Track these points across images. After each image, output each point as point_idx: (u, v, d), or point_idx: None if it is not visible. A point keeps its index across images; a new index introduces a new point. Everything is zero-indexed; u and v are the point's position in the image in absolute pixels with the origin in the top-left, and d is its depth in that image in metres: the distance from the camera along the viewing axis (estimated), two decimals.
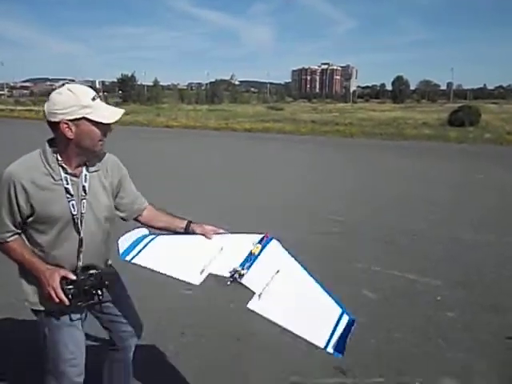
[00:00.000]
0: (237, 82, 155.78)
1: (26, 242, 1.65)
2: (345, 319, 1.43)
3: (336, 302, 1.50)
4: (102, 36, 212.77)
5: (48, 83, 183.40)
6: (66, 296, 1.54)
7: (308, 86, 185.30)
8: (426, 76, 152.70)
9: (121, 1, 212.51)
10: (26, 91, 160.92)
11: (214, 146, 16.35)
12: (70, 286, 1.55)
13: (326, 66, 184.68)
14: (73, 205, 1.59)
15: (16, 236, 1.62)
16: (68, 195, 1.59)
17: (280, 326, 1.41)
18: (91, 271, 1.61)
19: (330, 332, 1.39)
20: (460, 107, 26.19)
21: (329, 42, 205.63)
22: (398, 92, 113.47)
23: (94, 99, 1.54)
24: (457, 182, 9.37)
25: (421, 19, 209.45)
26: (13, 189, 1.52)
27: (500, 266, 4.48)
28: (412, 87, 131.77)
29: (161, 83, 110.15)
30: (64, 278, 1.55)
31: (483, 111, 27.05)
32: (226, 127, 24.68)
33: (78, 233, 1.63)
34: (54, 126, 1.53)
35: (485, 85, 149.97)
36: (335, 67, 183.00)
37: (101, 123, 1.55)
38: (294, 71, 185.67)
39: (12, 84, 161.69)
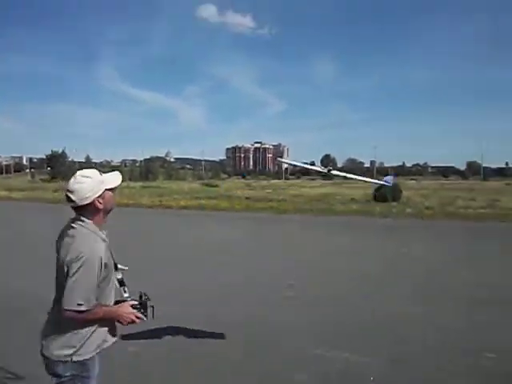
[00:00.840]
0: (172, 159, 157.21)
1: None
2: None
3: None
4: (30, 112, 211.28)
5: None
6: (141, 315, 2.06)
7: (242, 163, 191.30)
8: (352, 154, 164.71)
9: (50, 77, 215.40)
10: None
11: (144, 224, 16.00)
12: (138, 307, 2.06)
13: (258, 145, 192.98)
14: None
15: None
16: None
17: None
18: (140, 295, 2.11)
19: None
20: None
21: (261, 121, 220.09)
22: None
23: (101, 173, 2.08)
24: (383, 255, 9.77)
25: (346, 102, 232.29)
26: (98, 264, 1.92)
27: (426, 339, 4.58)
28: (339, 165, 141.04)
29: (93, 160, 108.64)
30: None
31: (404, 187, 29.22)
32: (160, 204, 24.39)
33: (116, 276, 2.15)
34: (86, 206, 1.99)
35: (404, 162, 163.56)
36: (267, 146, 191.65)
37: (114, 187, 2.09)
38: (227, 149, 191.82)
39: None
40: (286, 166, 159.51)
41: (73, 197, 1.97)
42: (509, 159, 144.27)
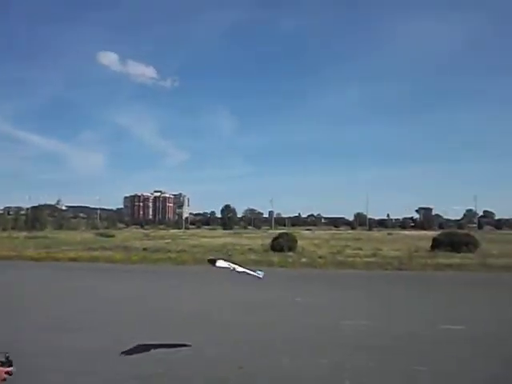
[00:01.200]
0: (64, 207, 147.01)
1: None
2: None
3: None
4: None
5: None
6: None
7: (141, 212, 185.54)
8: (251, 204, 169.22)
9: None
10: None
11: (26, 279, 14.55)
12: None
13: (158, 194, 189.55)
14: None
15: None
16: None
17: None
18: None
19: None
20: (280, 234, 29.17)
21: (161, 171, 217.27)
22: (227, 219, 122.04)
23: None
24: (278, 304, 10.01)
25: (244, 155, 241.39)
26: None
27: None
28: (239, 214, 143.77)
29: None
30: None
31: (299, 237, 30.68)
32: (46, 257, 22.44)
33: None
34: None
35: (299, 213, 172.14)
36: (168, 195, 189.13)
37: None
38: (126, 198, 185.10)
39: None
40: (186, 215, 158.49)
41: None
42: (389, 211, 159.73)
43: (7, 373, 2.02)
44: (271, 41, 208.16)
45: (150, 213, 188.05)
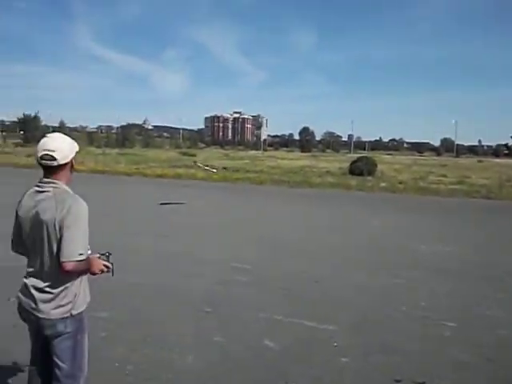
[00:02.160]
0: (150, 127, 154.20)
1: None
2: None
3: None
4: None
5: None
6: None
7: (221, 133, 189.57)
8: (330, 128, 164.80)
9: (21, 36, 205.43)
10: None
11: (120, 191, 15.88)
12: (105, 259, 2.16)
13: (237, 115, 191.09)
14: None
15: None
16: None
17: None
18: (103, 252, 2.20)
19: None
20: (359, 158, 28.46)
21: (241, 91, 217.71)
22: (305, 142, 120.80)
23: None
24: (356, 227, 10.08)
25: (325, 74, 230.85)
26: (87, 215, 2.09)
27: (390, 307, 4.84)
28: (318, 137, 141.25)
29: (68, 125, 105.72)
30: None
31: (379, 162, 29.69)
32: (136, 172, 24.13)
33: None
34: (64, 165, 2.09)
35: (380, 137, 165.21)
36: (247, 116, 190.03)
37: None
38: (206, 118, 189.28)
39: None
40: (264, 136, 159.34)
41: (56, 155, 2.02)
42: (481, 137, 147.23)
43: (106, 266, 2.14)
44: None
45: (230, 133, 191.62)
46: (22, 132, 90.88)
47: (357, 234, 9.32)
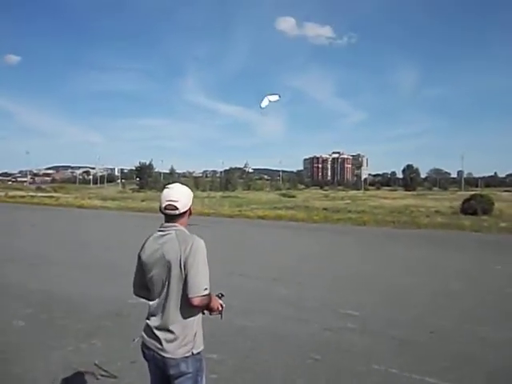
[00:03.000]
0: (250, 170, 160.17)
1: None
2: None
3: None
4: (120, 126, 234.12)
5: (69, 170, 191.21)
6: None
7: (320, 173, 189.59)
8: (436, 164, 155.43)
9: (138, 94, 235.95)
10: (48, 178, 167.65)
11: (227, 233, 16.44)
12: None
13: (336, 155, 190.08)
14: None
15: None
16: None
17: None
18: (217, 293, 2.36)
19: None
20: (472, 195, 26.32)
21: (339, 132, 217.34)
22: (409, 180, 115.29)
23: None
24: (474, 272, 9.14)
25: (427, 109, 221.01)
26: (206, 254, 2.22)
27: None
28: (422, 175, 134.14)
29: (177, 171, 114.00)
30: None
31: (496, 199, 27.12)
32: (239, 214, 24.95)
33: None
34: (184, 213, 2.29)
35: (495, 173, 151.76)
36: (346, 156, 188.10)
37: None
38: (305, 159, 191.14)
39: (35, 171, 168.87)
40: (365, 176, 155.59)
41: (178, 205, 2.24)
42: None
43: (220, 305, 2.31)
44: None
45: (329, 174, 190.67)
46: (138, 178, 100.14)
47: (481, 280, 8.41)
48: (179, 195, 2.27)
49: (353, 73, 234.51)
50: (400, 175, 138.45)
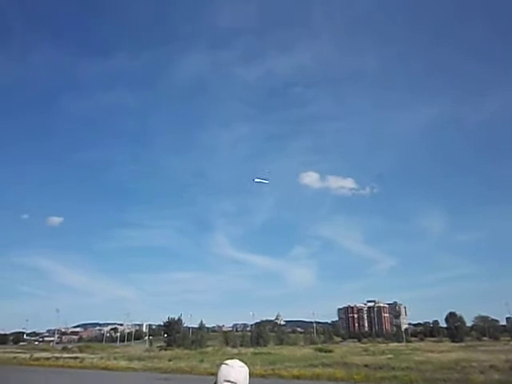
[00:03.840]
0: (282, 322, 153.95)
1: None
2: None
3: None
4: (151, 281, 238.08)
5: (97, 328, 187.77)
6: None
7: (356, 324, 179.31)
8: (481, 311, 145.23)
9: (170, 250, 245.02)
10: (75, 337, 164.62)
11: None
12: None
13: (372, 304, 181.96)
14: None
15: None
16: None
17: None
18: None
19: None
20: None
21: (372, 280, 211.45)
22: (455, 329, 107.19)
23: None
24: None
25: (461, 253, 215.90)
26: None
27: None
28: (468, 323, 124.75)
29: (206, 325, 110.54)
30: None
31: None
32: (272, 373, 23.12)
33: None
34: None
35: None
36: (382, 304, 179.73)
37: None
38: (339, 309, 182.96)
39: (63, 330, 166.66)
40: (405, 325, 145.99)
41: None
42: None
43: None
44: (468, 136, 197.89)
45: (366, 324, 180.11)
46: (165, 335, 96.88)
47: None
48: (238, 375, 2.20)
49: (379, 220, 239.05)
50: (443, 323, 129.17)
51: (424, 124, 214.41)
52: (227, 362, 2.25)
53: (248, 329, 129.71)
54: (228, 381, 2.13)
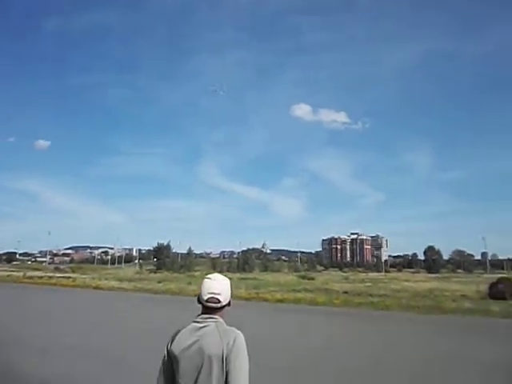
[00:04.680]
0: (268, 251, 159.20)
1: None
2: None
3: None
4: (141, 208, 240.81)
5: (88, 251, 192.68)
6: None
7: (339, 254, 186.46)
8: (458, 245, 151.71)
9: (160, 177, 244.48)
10: (67, 258, 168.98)
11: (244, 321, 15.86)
12: None
13: (355, 236, 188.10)
14: None
15: None
16: None
17: None
18: None
19: None
20: (499, 279, 25.34)
21: (356, 213, 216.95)
22: (432, 262, 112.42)
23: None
24: (508, 365, 8.47)
25: (444, 191, 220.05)
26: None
27: None
28: (445, 257, 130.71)
29: (194, 251, 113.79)
30: None
31: None
32: (256, 297, 24.32)
33: None
34: (224, 306, 2.23)
35: None
36: (365, 237, 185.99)
37: None
38: (323, 240, 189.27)
39: (55, 251, 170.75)
40: (385, 257, 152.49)
41: (220, 298, 2.19)
42: None
43: None
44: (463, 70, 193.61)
45: (348, 255, 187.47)
46: (155, 259, 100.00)
47: None
48: (221, 287, 2.22)
49: (368, 155, 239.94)
50: (421, 257, 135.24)
51: (418, 58, 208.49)
52: (209, 275, 2.28)
53: (235, 256, 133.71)
54: (212, 292, 2.17)
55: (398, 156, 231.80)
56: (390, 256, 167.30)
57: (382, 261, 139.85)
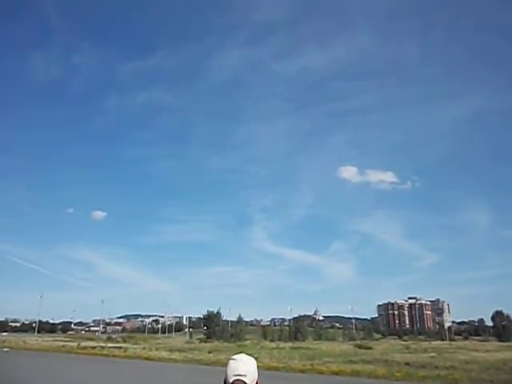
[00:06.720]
0: (320, 318, 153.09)
1: None
2: None
3: None
4: (191, 275, 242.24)
5: (139, 319, 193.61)
6: None
7: (396, 321, 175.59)
8: None
9: (208, 243, 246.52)
10: (118, 327, 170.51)
11: None
12: None
13: (413, 301, 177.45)
14: None
15: None
16: None
17: None
18: None
19: None
20: None
21: (413, 276, 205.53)
22: (501, 328, 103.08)
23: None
24: None
25: (508, 250, 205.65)
26: None
27: None
28: None
29: (244, 319, 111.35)
30: None
31: None
32: (311, 369, 22.97)
33: None
34: None
35: None
36: (424, 301, 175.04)
37: None
38: (379, 306, 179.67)
39: (107, 320, 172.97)
40: (448, 324, 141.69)
41: (246, 380, 2.12)
42: None
43: None
44: None
45: (407, 321, 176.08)
46: (205, 327, 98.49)
47: None
48: (247, 368, 2.15)
49: (419, 215, 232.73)
50: (489, 322, 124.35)
51: (467, 114, 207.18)
52: (234, 356, 2.22)
53: (286, 323, 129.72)
54: (237, 374, 2.11)
55: (452, 215, 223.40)
56: (453, 322, 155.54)
57: (445, 328, 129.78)
